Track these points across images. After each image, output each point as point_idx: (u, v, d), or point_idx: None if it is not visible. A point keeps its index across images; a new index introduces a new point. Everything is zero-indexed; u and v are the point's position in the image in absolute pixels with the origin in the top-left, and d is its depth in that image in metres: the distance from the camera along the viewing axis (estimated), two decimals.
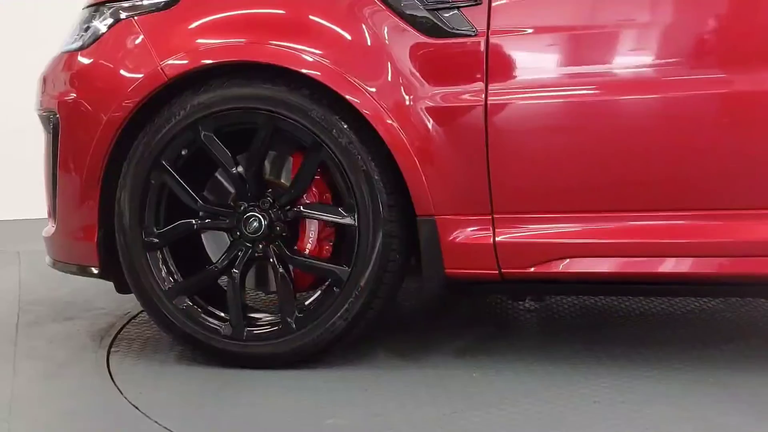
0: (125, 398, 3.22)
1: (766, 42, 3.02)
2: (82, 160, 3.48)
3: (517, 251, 3.22)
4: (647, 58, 3.11)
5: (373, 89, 3.21)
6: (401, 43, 3.22)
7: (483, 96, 3.16)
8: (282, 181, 3.45)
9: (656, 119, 3.09)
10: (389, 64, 3.22)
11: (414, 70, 3.21)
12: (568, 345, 3.56)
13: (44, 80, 3.75)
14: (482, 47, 3.17)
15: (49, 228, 3.77)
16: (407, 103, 3.20)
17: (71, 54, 3.58)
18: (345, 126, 3.26)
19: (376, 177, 3.26)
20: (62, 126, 3.54)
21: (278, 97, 3.28)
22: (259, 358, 3.41)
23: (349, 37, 3.27)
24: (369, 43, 3.25)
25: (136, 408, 3.13)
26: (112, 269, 3.56)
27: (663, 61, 3.10)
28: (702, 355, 3.43)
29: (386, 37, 3.23)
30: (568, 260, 3.19)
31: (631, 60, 3.12)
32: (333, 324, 3.32)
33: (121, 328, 4.00)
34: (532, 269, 3.22)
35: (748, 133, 3.04)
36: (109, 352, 3.69)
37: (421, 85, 3.20)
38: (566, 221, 3.18)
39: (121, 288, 3.63)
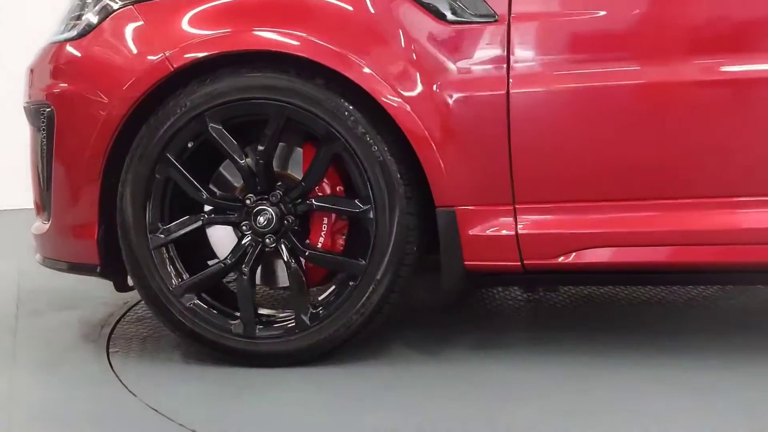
0: (125, 386, 3.20)
1: None
2: (81, 154, 3.34)
3: (540, 242, 3.14)
4: (677, 43, 3.04)
5: (392, 78, 3.12)
6: (419, 28, 3.13)
7: (505, 82, 3.08)
8: (290, 173, 3.33)
9: (687, 105, 3.03)
10: (406, 50, 3.13)
11: (432, 57, 3.12)
12: (579, 336, 3.52)
13: (32, 72, 3.60)
14: (503, 32, 3.08)
15: (40, 225, 3.62)
16: (426, 91, 3.11)
17: (65, 44, 3.43)
18: (360, 116, 3.15)
19: (393, 168, 3.16)
20: (58, 119, 3.39)
21: (291, 87, 3.17)
22: (271, 356, 3.30)
23: (365, 24, 3.18)
24: (385, 30, 3.15)
25: (135, 396, 3.11)
26: (112, 267, 3.43)
27: (695, 46, 3.03)
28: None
29: (403, 23, 3.13)
30: (591, 250, 3.13)
31: (659, 44, 3.05)
32: (349, 319, 3.23)
33: (121, 318, 3.95)
34: (556, 260, 3.15)
35: None
36: (108, 341, 3.66)
37: (441, 73, 3.11)
38: (589, 210, 3.12)
39: (120, 286, 3.51)
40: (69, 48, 3.41)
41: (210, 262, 3.47)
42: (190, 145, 3.28)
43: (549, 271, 3.20)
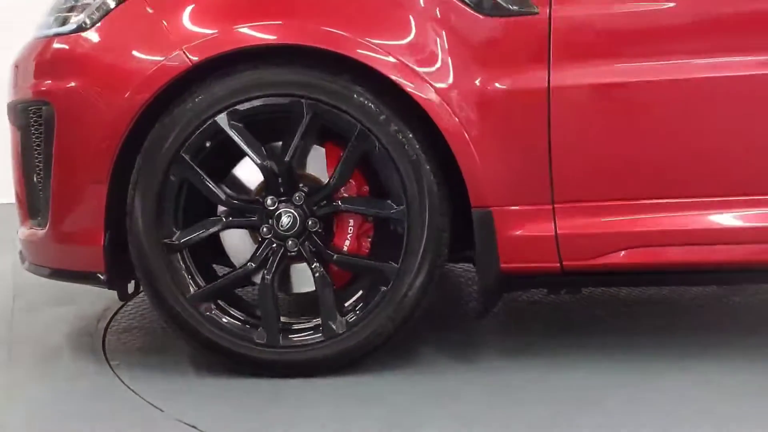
0: (121, 381, 3.16)
1: None
2: (87, 154, 3.12)
3: (580, 242, 3.04)
4: (723, 38, 2.97)
5: (426, 72, 2.98)
6: (456, 21, 3.00)
7: (546, 77, 2.97)
8: (309, 172, 3.16)
9: (735, 102, 2.96)
10: (442, 44, 2.99)
11: (470, 51, 3.00)
12: (606, 336, 3.45)
13: (17, 68, 3.38)
14: (545, 26, 2.96)
15: (32, 231, 3.38)
16: (463, 85, 2.98)
17: (63, 37, 3.20)
18: (391, 112, 3.01)
19: (427, 167, 3.03)
20: (59, 118, 3.15)
21: (318, 84, 3.01)
22: (297, 365, 3.13)
23: (398, 17, 3.03)
24: (420, 22, 3.01)
25: (132, 391, 3.08)
26: (117, 275, 3.23)
27: (744, 40, 2.96)
28: None
29: (440, 15, 3.00)
30: (632, 250, 3.04)
31: (705, 38, 2.97)
32: (381, 325, 3.08)
33: (116, 312, 3.88)
34: (596, 261, 3.05)
35: None
36: (104, 336, 3.62)
37: (478, 67, 2.99)
38: (631, 209, 3.02)
39: (123, 294, 3.34)
40: (69, 42, 3.19)
41: (216, 266, 3.34)
42: (207, 144, 3.09)
43: (589, 273, 3.10)
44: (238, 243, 3.20)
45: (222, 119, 3.05)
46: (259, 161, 3.07)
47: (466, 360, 3.29)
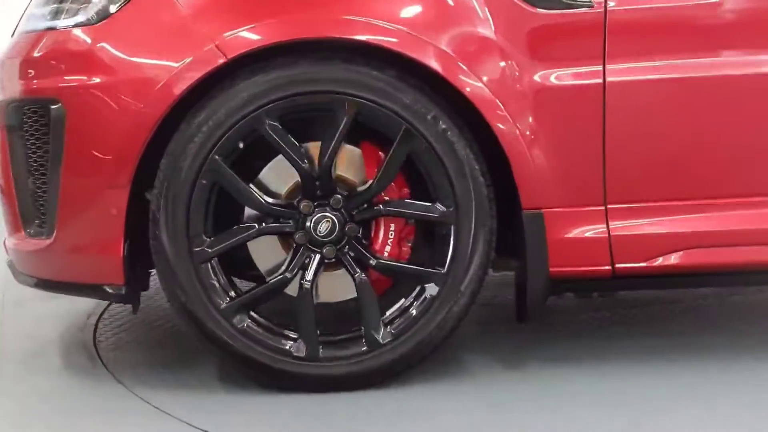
0: (113, 375, 3.13)
1: None
2: (105, 158, 2.88)
3: (633, 244, 2.95)
4: None
5: (476, 67, 2.84)
6: (509, 15, 2.86)
7: (601, 74, 2.86)
8: (341, 174, 2.97)
9: None
10: (494, 39, 2.85)
11: (523, 46, 2.86)
12: (644, 340, 3.35)
13: (3, 65, 3.11)
14: (600, 19, 2.85)
15: (26, 241, 3.11)
16: (515, 82, 2.85)
17: (72, 30, 2.94)
18: (440, 111, 2.85)
19: (477, 167, 2.88)
20: (71, 118, 2.90)
21: (362, 80, 2.84)
22: (339, 379, 2.95)
23: (447, 11, 2.87)
24: (471, 16, 2.86)
25: (123, 385, 3.04)
26: (135, 288, 3.00)
27: None
28: None
29: (491, 9, 2.85)
30: (686, 251, 2.95)
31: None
32: (429, 335, 2.93)
33: (107, 307, 3.81)
34: (649, 263, 2.95)
35: None
36: (95, 331, 3.58)
37: (531, 63, 2.86)
38: (684, 210, 2.94)
39: (136, 308, 3.12)
40: (81, 35, 2.93)
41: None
42: (241, 145, 2.89)
43: (640, 276, 2.99)
44: (266, 251, 3.00)
45: (258, 118, 2.84)
46: (298, 163, 2.88)
47: (513, 367, 3.16)
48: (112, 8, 2.91)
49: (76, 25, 2.94)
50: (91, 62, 2.90)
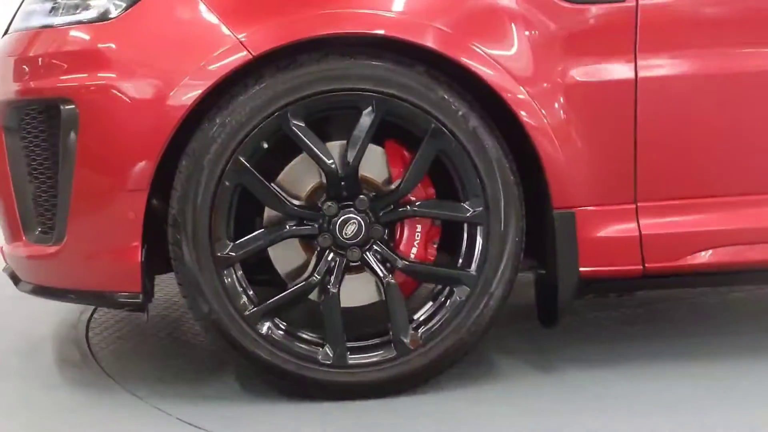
0: (105, 372, 3.13)
1: None
2: (124, 159, 2.75)
3: (664, 243, 2.90)
4: None
5: (507, 62, 2.77)
6: (539, 8, 2.79)
7: (633, 68, 2.80)
8: (366, 174, 2.88)
9: None
10: (525, 33, 2.78)
11: (554, 40, 2.80)
12: (672, 341, 3.29)
13: (7, 63, 2.96)
14: (631, 13, 2.80)
15: (30, 248, 2.97)
16: (546, 77, 2.79)
17: (86, 27, 2.81)
18: (469, 108, 2.78)
19: (507, 166, 2.81)
20: (85, 119, 2.76)
21: (391, 77, 2.75)
22: (367, 386, 2.86)
23: (477, 4, 2.80)
24: (501, 10, 2.79)
25: (115, 381, 3.04)
26: (149, 296, 2.88)
27: None
28: None
29: (521, 2, 2.78)
30: (717, 249, 2.90)
31: None
32: (460, 339, 2.85)
33: None
34: (680, 261, 2.90)
35: None
36: (87, 327, 3.57)
37: (562, 57, 2.80)
38: (715, 207, 2.90)
39: (146, 317, 2.99)
40: (94, 31, 2.80)
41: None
42: (265, 145, 2.78)
43: (670, 274, 2.94)
44: (286, 253, 2.90)
45: (283, 116, 2.74)
46: (326, 163, 2.78)
47: (543, 369, 3.09)
48: (130, 3, 2.78)
49: (82, 22, 2.81)
50: (108, 60, 2.77)
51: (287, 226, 2.83)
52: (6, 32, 3.11)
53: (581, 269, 2.87)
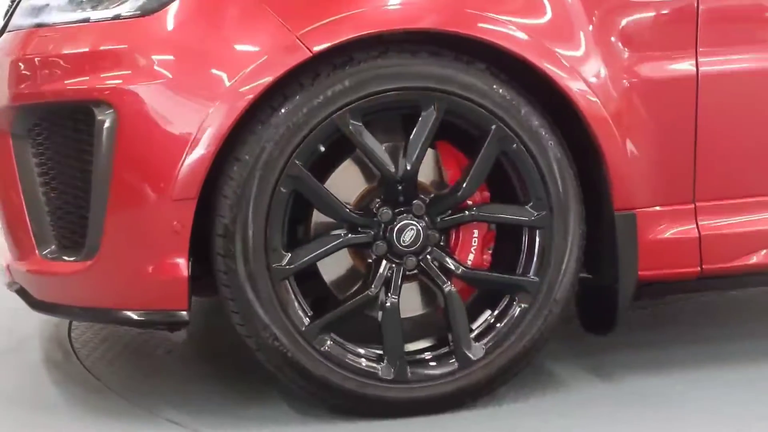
0: (87, 370, 3.11)
1: None
2: (169, 168, 2.55)
3: (722, 243, 2.84)
4: None
5: (571, 59, 2.68)
6: (601, 4, 2.70)
7: (694, 64, 2.73)
8: (420, 179, 2.72)
9: None
10: (586, 27, 2.70)
11: (616, 37, 2.71)
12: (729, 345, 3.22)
13: (15, 64, 2.72)
14: (692, 7, 2.73)
15: (50, 265, 2.74)
16: (610, 74, 2.70)
17: (122, 23, 2.60)
18: (531, 107, 2.67)
19: (569, 167, 2.71)
20: (125, 125, 2.55)
21: (452, 75, 2.62)
22: (429, 402, 2.71)
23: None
24: (563, 5, 2.68)
25: (99, 380, 3.03)
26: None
27: None
28: None
29: None
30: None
31: None
32: (523, 347, 2.72)
33: None
34: (738, 262, 2.85)
35: None
36: (70, 325, 3.53)
37: (624, 53, 2.72)
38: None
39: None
40: (133, 28, 2.59)
41: None
42: (322, 149, 2.62)
43: (726, 276, 2.88)
44: (334, 261, 2.74)
45: (342, 117, 2.58)
46: (386, 166, 2.63)
47: (605, 377, 2.97)
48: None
49: (120, 18, 2.60)
50: (151, 59, 2.56)
51: (342, 235, 2.66)
52: (3, 31, 2.87)
53: (640, 273, 2.78)
